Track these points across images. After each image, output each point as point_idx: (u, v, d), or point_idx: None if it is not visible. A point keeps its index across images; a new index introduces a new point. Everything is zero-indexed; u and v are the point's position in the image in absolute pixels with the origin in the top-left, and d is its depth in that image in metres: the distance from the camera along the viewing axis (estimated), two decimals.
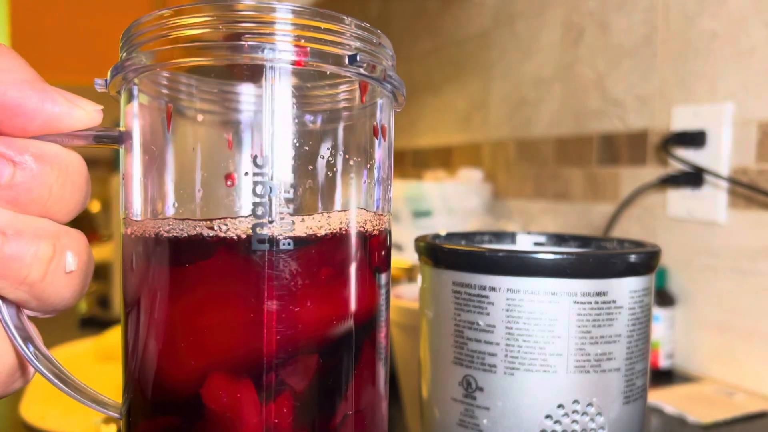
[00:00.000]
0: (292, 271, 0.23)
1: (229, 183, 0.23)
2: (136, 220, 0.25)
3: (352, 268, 0.25)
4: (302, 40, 0.23)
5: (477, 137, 1.25)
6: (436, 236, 0.43)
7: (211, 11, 0.23)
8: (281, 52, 0.23)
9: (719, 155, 0.77)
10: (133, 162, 0.25)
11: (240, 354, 0.23)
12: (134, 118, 0.25)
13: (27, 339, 0.23)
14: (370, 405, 0.26)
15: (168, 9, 0.24)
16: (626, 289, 0.36)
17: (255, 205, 0.23)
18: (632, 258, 0.36)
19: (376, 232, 0.26)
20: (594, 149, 0.97)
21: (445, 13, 1.35)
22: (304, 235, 0.23)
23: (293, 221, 0.23)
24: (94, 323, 0.99)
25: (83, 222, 2.01)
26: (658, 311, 0.81)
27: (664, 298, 0.82)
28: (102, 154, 2.50)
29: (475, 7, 1.25)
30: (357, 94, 0.26)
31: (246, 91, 0.24)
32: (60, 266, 0.23)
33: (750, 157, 0.75)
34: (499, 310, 0.35)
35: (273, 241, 0.23)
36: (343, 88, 0.26)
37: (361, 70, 0.25)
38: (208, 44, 0.23)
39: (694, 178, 0.80)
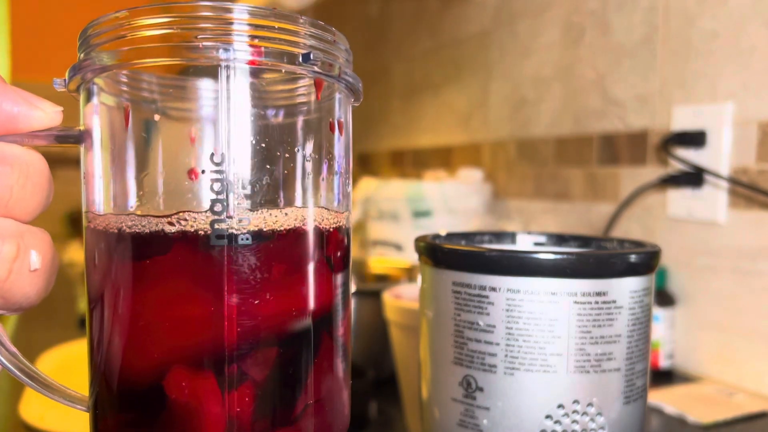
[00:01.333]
0: (250, 266, 0.24)
1: (192, 178, 0.24)
2: (99, 215, 0.25)
3: (309, 264, 0.26)
4: (257, 40, 0.24)
5: (477, 137, 1.25)
6: (436, 236, 0.43)
7: (168, 12, 0.23)
8: (237, 51, 0.23)
9: (719, 155, 0.77)
10: (94, 159, 0.26)
11: (201, 346, 0.23)
12: (94, 117, 0.26)
13: None
14: (330, 395, 0.27)
15: (125, 10, 0.24)
16: (626, 289, 0.36)
17: (213, 201, 0.24)
18: (632, 258, 0.36)
19: (332, 228, 0.27)
20: (594, 149, 0.97)
21: (445, 13, 1.35)
22: (261, 230, 0.24)
23: (250, 218, 0.24)
24: None
25: (79, 224, 2.01)
26: (658, 311, 0.81)
27: (664, 298, 0.82)
28: None
29: (476, 7, 1.25)
30: (313, 91, 0.27)
31: (204, 87, 0.24)
32: (24, 265, 0.23)
33: (750, 157, 0.75)
34: (499, 310, 0.35)
35: (231, 236, 0.24)
36: (300, 83, 0.27)
37: (315, 68, 0.25)
38: (164, 45, 0.23)
39: (694, 178, 0.80)
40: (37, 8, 2.41)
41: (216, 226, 0.23)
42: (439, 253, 0.37)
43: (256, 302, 0.24)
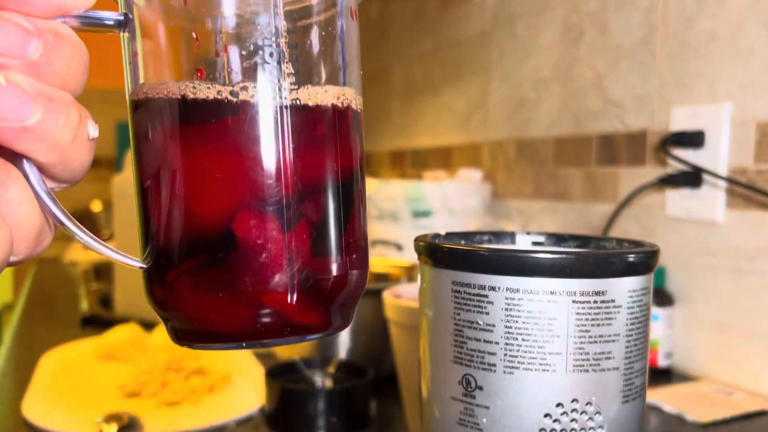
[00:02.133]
0: (303, 126, 0.28)
1: (248, 51, 0.28)
2: (157, 85, 0.28)
3: (347, 129, 0.30)
4: None
5: (476, 137, 1.26)
6: (436, 236, 0.43)
7: None
8: None
9: (718, 155, 0.78)
10: (144, 43, 0.28)
11: (266, 192, 0.28)
12: (138, 6, 0.28)
13: (53, 199, 0.26)
14: (362, 237, 0.32)
15: None
16: (625, 288, 0.36)
17: (270, 70, 0.27)
18: (631, 258, 0.36)
19: (359, 108, 0.31)
20: (593, 149, 0.97)
21: (445, 13, 1.35)
22: (310, 98, 0.28)
23: (299, 87, 0.28)
24: (95, 323, 0.99)
25: (85, 221, 2.01)
26: (656, 311, 0.81)
27: (662, 297, 0.82)
28: (103, 155, 2.50)
29: (475, 7, 1.25)
30: None
31: None
32: (85, 132, 0.25)
33: (748, 157, 0.75)
34: (499, 310, 0.35)
35: (286, 101, 0.28)
36: None
37: None
38: None
39: (692, 178, 0.80)
40: None
41: (273, 92, 0.27)
42: (438, 253, 0.38)
43: (309, 158, 0.28)
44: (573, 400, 0.35)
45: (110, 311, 1.05)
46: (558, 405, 0.35)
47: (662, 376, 0.81)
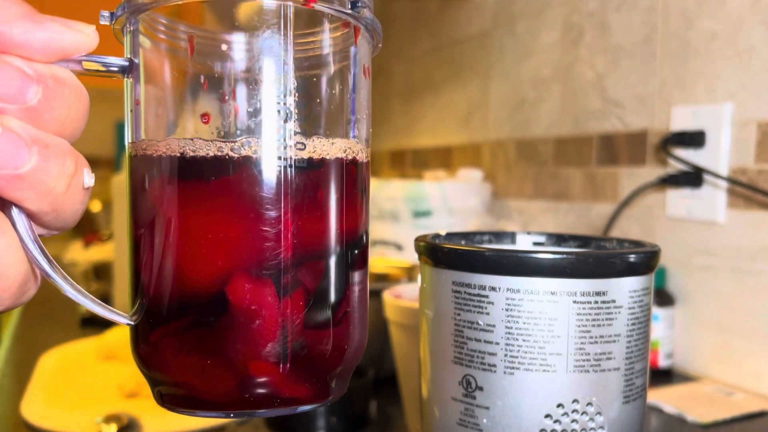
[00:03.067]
0: (305, 187, 0.27)
1: (254, 107, 0.27)
2: (156, 141, 0.27)
3: (351, 189, 0.29)
4: None
5: (477, 137, 1.26)
6: (436, 236, 0.43)
7: None
8: None
9: (718, 155, 0.77)
10: (147, 89, 0.28)
11: (262, 256, 0.26)
12: (142, 51, 0.28)
13: (41, 248, 0.25)
14: (361, 306, 0.30)
15: None
16: (626, 288, 0.36)
17: (276, 128, 0.26)
18: (632, 258, 0.36)
19: (365, 160, 0.30)
20: (593, 149, 0.97)
21: (445, 13, 1.35)
22: (313, 157, 0.27)
23: (306, 143, 0.27)
24: (95, 323, 0.99)
25: (84, 221, 2.01)
26: (657, 311, 0.81)
27: (663, 297, 0.82)
28: (103, 156, 2.50)
29: (475, 7, 1.25)
30: (346, 36, 0.29)
31: (256, 29, 0.27)
32: (80, 181, 0.24)
33: (749, 157, 0.75)
34: (499, 310, 0.35)
35: (291, 161, 0.27)
36: (332, 30, 0.29)
37: (365, 13, 0.28)
38: None
39: (693, 178, 0.80)
40: (38, 10, 2.41)
41: (278, 151, 0.26)
42: (439, 253, 0.38)
43: (310, 220, 0.27)
44: (574, 401, 0.35)
45: None
46: (559, 405, 0.35)
47: (663, 376, 0.81)
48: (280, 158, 0.26)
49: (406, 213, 1.10)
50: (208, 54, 0.27)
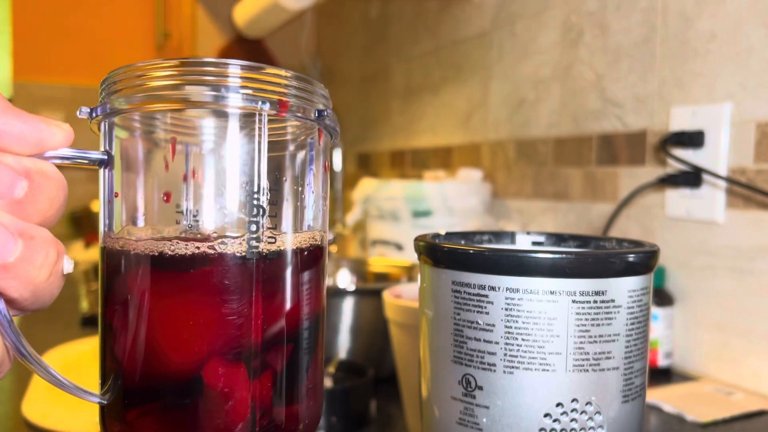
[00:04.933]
0: (275, 277, 0.29)
1: (230, 203, 0.29)
2: (133, 239, 0.29)
3: (315, 275, 0.32)
4: (285, 96, 0.29)
5: (476, 137, 1.26)
6: (436, 236, 0.43)
7: (211, 66, 0.28)
8: (270, 104, 0.28)
9: (717, 155, 0.78)
10: (123, 182, 0.30)
11: (236, 342, 0.28)
12: (121, 143, 0.30)
13: (15, 332, 0.26)
14: (321, 381, 0.33)
15: (173, 59, 0.28)
16: (625, 288, 0.36)
17: (249, 224, 0.29)
18: (631, 257, 0.36)
19: (326, 245, 0.33)
20: (593, 149, 0.97)
21: (445, 13, 1.35)
22: (281, 248, 0.30)
23: (276, 237, 0.29)
24: (95, 322, 0.99)
25: (85, 221, 2.01)
26: (656, 310, 0.81)
27: (662, 297, 0.82)
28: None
29: (475, 7, 1.25)
30: (309, 136, 0.32)
31: (232, 128, 0.29)
32: (60, 268, 0.26)
33: (748, 157, 0.75)
34: (499, 310, 0.35)
35: (262, 252, 0.29)
36: (298, 134, 0.33)
37: (325, 120, 0.31)
38: (212, 93, 0.28)
39: (692, 177, 0.80)
40: (39, 9, 2.41)
41: (250, 246, 0.28)
42: (438, 253, 0.38)
43: (279, 306, 0.29)
44: (573, 400, 0.35)
45: None
46: (558, 405, 0.35)
47: (662, 375, 0.81)
48: (252, 252, 0.28)
49: (406, 213, 1.10)
50: (186, 152, 0.29)
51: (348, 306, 0.74)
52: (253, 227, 0.28)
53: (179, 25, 1.93)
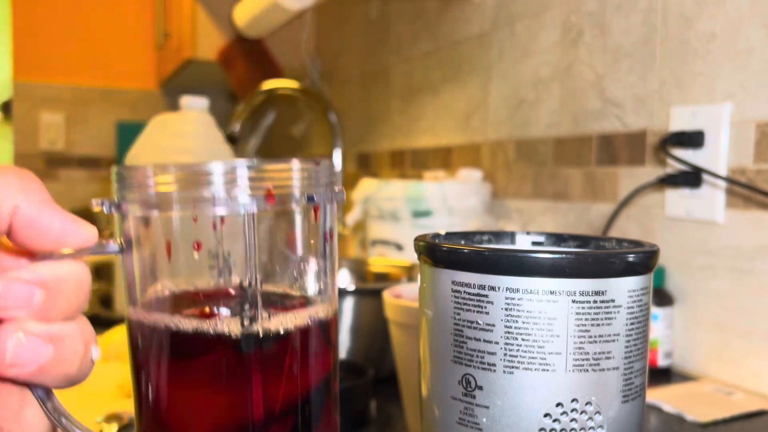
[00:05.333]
0: (272, 359, 0.30)
1: (225, 295, 0.31)
2: (145, 313, 0.32)
3: (315, 351, 0.33)
4: (272, 188, 0.31)
5: (476, 137, 1.26)
6: (436, 236, 0.43)
7: (214, 167, 0.30)
8: (259, 199, 0.30)
9: (717, 155, 0.78)
10: (139, 267, 0.33)
11: (234, 422, 0.30)
12: (132, 232, 0.33)
13: (59, 412, 0.29)
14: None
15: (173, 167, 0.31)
16: (625, 288, 0.36)
17: (243, 307, 0.30)
18: (631, 257, 0.36)
19: (329, 318, 0.34)
20: (593, 149, 0.97)
21: (445, 14, 1.36)
22: (279, 331, 0.31)
23: (273, 321, 0.30)
24: (96, 323, 0.99)
25: (86, 221, 2.02)
26: (656, 310, 0.81)
27: (662, 297, 0.82)
28: (103, 156, 2.51)
29: (475, 8, 1.25)
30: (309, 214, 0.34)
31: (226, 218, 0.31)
32: (89, 357, 0.29)
33: (748, 157, 0.75)
34: (498, 309, 0.35)
35: (258, 335, 0.30)
36: (297, 212, 0.34)
37: (321, 196, 0.33)
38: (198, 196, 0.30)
39: (692, 178, 0.80)
40: (39, 9, 2.41)
41: (247, 332, 0.30)
42: (438, 253, 0.38)
43: (276, 387, 0.31)
44: (573, 400, 0.35)
45: (111, 311, 1.05)
46: (558, 405, 0.35)
47: (662, 375, 0.81)
48: (253, 333, 0.30)
49: (406, 213, 1.10)
50: (190, 240, 0.32)
51: (348, 306, 0.74)
52: (247, 315, 0.30)
53: (179, 25, 1.93)
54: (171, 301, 0.32)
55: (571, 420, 0.35)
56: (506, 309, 0.35)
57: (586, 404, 0.35)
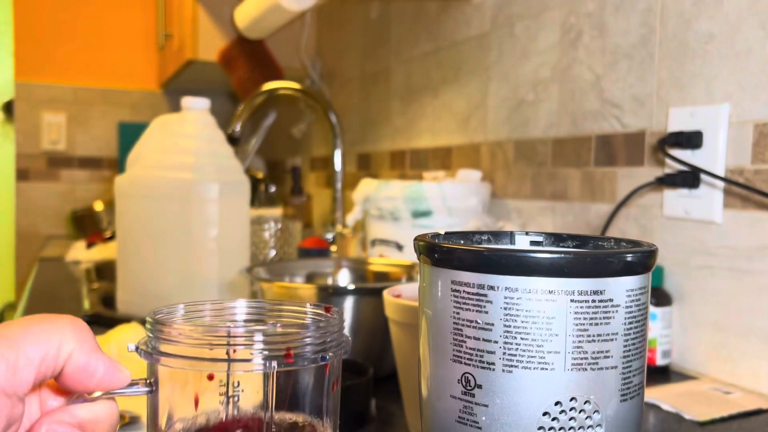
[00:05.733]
0: None
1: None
2: None
3: None
4: (290, 349, 0.35)
5: (476, 138, 1.26)
6: (436, 236, 0.43)
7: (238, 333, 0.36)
8: (281, 359, 0.35)
9: (716, 155, 0.78)
10: (167, 405, 0.37)
11: None
12: (160, 374, 0.37)
13: None
14: None
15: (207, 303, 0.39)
16: (623, 287, 0.36)
17: None
18: (629, 257, 0.36)
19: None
20: (592, 150, 0.97)
21: (444, 15, 1.36)
22: None
23: None
24: (98, 322, 0.99)
25: (87, 221, 2.02)
26: (654, 310, 0.82)
27: (660, 296, 0.83)
28: (105, 156, 2.51)
29: (474, 9, 1.25)
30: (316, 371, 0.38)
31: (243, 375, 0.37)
32: None
33: (746, 158, 0.75)
34: (498, 309, 0.35)
35: None
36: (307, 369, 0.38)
37: (328, 360, 0.37)
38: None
39: (690, 178, 0.80)
40: (41, 10, 2.41)
41: None
42: (438, 253, 0.38)
43: None
44: (571, 399, 0.35)
45: (112, 310, 1.05)
46: (556, 403, 0.35)
47: (660, 374, 0.81)
48: None
49: (406, 213, 1.11)
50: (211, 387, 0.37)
51: (348, 305, 0.75)
52: None
53: (180, 26, 1.93)
54: None
55: (570, 418, 0.35)
56: (505, 308, 0.35)
57: (585, 403, 0.36)
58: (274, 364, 0.34)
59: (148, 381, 0.36)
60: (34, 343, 0.30)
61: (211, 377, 0.36)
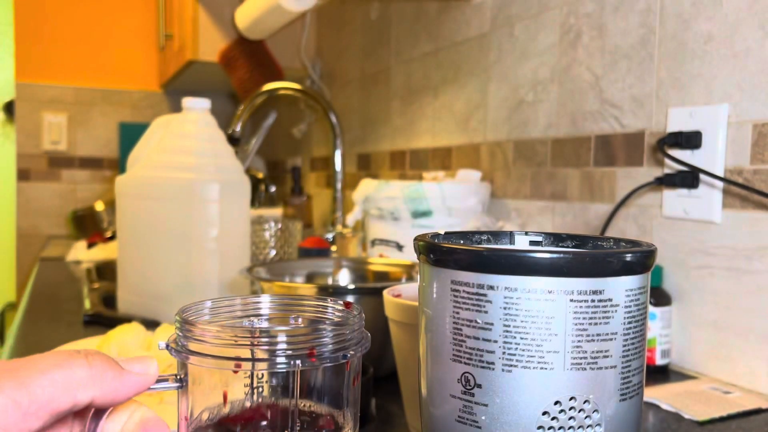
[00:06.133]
0: None
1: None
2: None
3: None
4: (313, 348, 0.36)
5: (475, 138, 1.26)
6: (435, 236, 0.43)
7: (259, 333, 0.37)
8: (304, 358, 0.36)
9: (715, 156, 0.78)
10: (195, 397, 0.38)
11: None
12: (188, 368, 0.38)
13: None
14: None
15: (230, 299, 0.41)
16: (622, 287, 0.36)
17: None
18: (628, 257, 0.37)
19: None
20: (591, 150, 0.98)
21: (444, 16, 1.36)
22: None
23: None
24: (98, 322, 1.00)
25: (87, 221, 2.02)
26: (654, 309, 0.82)
27: (659, 296, 0.83)
28: (106, 156, 2.51)
29: (474, 9, 1.25)
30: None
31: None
32: None
33: (745, 158, 0.75)
34: (497, 309, 0.35)
35: None
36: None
37: (349, 357, 0.38)
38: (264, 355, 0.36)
39: (689, 178, 0.81)
40: (41, 10, 2.41)
41: None
42: (437, 253, 0.38)
43: None
44: (571, 398, 0.35)
45: (113, 310, 1.06)
46: (556, 403, 0.35)
47: (659, 374, 0.82)
48: None
49: (406, 213, 1.11)
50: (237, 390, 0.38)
51: None
52: None
53: (181, 26, 1.93)
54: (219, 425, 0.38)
55: (569, 418, 0.36)
56: (505, 308, 0.35)
57: (584, 402, 0.36)
58: (298, 362, 0.35)
59: (178, 377, 0.38)
60: (49, 395, 0.31)
61: (238, 368, 0.37)
